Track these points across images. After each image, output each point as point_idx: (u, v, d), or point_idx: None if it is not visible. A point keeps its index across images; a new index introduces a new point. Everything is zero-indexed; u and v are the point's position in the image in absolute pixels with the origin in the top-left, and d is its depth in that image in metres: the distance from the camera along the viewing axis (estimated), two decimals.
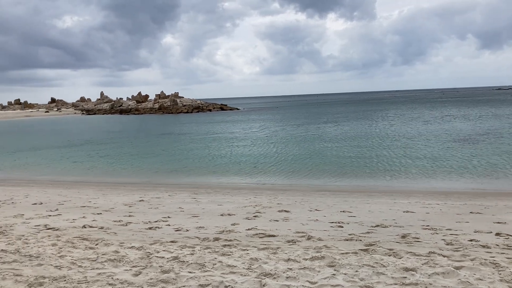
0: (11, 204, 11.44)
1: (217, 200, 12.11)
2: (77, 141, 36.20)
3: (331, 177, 16.85)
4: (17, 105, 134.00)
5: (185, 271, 5.34)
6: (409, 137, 28.64)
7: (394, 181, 15.72)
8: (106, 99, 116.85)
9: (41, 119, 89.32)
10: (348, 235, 7.30)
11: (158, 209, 10.59)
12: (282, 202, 11.36)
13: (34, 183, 17.00)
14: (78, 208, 10.78)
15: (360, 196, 12.73)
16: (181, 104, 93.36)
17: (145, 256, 6.03)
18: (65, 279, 5.12)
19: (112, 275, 5.24)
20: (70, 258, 6.01)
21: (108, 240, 7.06)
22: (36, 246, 6.72)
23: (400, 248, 6.28)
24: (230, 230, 7.92)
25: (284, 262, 5.63)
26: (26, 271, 5.46)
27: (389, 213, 9.66)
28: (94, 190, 14.53)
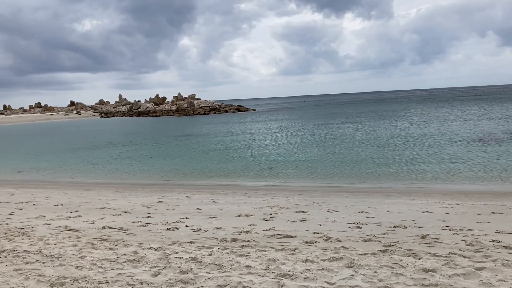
0: (32, 205, 11.66)
1: (234, 201, 12.15)
2: (96, 143, 36.68)
3: (349, 178, 16.74)
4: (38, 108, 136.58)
5: (204, 272, 5.38)
6: (429, 136, 28.29)
7: (413, 181, 15.53)
8: (124, 102, 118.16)
9: (61, 122, 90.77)
10: (366, 236, 7.25)
11: (176, 210, 10.67)
12: (299, 203, 11.34)
13: (54, 185, 17.28)
14: (98, 209, 10.92)
15: (378, 196, 12.63)
16: (198, 105, 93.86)
17: (163, 257, 6.09)
18: (85, 279, 5.20)
19: (132, 275, 5.30)
20: (90, 258, 6.10)
21: (127, 241, 7.15)
22: (57, 247, 6.84)
23: (420, 249, 6.21)
24: (248, 231, 7.93)
25: (302, 263, 5.62)
26: (48, 271, 5.56)
27: (408, 213, 9.56)
28: (113, 192, 14.70)
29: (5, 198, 13.03)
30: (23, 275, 5.39)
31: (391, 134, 31.82)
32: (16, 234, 7.89)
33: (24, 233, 8.03)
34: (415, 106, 78.71)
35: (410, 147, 23.87)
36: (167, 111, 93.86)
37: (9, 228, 8.50)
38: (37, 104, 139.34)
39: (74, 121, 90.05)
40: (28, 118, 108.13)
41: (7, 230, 8.29)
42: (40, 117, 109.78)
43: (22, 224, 8.92)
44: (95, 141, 38.53)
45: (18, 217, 9.89)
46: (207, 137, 37.13)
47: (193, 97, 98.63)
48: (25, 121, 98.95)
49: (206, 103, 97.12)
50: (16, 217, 9.89)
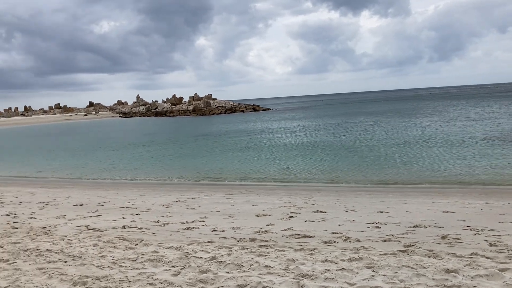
0: (53, 205, 11.85)
1: (252, 200, 12.16)
2: (115, 143, 37.12)
3: (367, 177, 16.61)
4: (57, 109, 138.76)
5: (223, 271, 5.40)
6: (449, 134, 27.90)
7: (433, 180, 15.34)
8: (142, 102, 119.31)
9: (80, 122, 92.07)
10: (386, 236, 7.18)
11: (194, 209, 10.74)
12: (317, 203, 11.30)
13: (74, 185, 17.54)
14: (117, 209, 11.05)
15: (397, 196, 12.51)
16: (214, 105, 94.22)
17: (183, 256, 6.13)
18: (107, 278, 5.27)
19: (152, 275, 5.35)
20: (111, 258, 6.18)
21: (147, 240, 7.22)
22: (78, 246, 6.94)
23: (441, 249, 6.13)
24: (266, 230, 7.94)
25: (322, 263, 5.60)
26: (70, 270, 5.64)
27: (427, 213, 9.45)
28: (132, 191, 14.86)
29: (27, 198, 13.27)
30: (46, 274, 5.48)
31: (410, 132, 31.46)
32: (38, 234, 8.03)
33: (46, 232, 8.17)
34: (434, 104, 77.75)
35: (429, 146, 23.59)
36: (184, 111, 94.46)
37: (32, 228, 8.65)
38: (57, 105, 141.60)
39: (93, 122, 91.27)
40: (48, 119, 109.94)
41: (30, 230, 8.44)
42: (60, 118, 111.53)
43: (44, 224, 9.08)
44: (114, 141, 38.99)
45: (40, 216, 10.07)
46: (224, 137, 37.24)
47: (210, 97, 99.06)
48: (45, 121, 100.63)
49: (222, 103, 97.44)
50: (38, 216, 10.07)
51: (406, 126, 37.11)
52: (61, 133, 59.09)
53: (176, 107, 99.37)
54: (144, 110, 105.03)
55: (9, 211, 10.79)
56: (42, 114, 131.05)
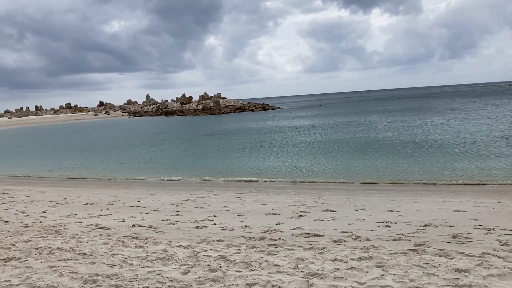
0: (64, 204, 11.94)
1: (261, 199, 12.15)
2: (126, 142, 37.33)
3: (377, 176, 16.52)
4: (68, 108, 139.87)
5: (232, 270, 5.40)
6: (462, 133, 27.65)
7: (443, 179, 15.21)
8: (151, 101, 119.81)
9: (90, 122, 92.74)
10: (396, 235, 7.14)
11: (204, 208, 10.76)
12: (326, 202, 11.26)
13: (85, 184, 17.67)
14: (128, 207, 11.11)
15: (407, 194, 12.42)
16: (223, 104, 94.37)
17: (193, 255, 6.14)
18: (117, 276, 5.30)
19: (162, 273, 5.37)
20: (121, 256, 6.21)
21: (157, 239, 7.25)
22: (89, 244, 6.99)
23: (452, 249, 6.08)
24: (275, 229, 7.93)
25: (331, 262, 5.58)
26: (80, 268, 5.68)
27: (438, 212, 9.37)
28: (142, 190, 14.93)
29: (39, 197, 13.40)
30: (57, 272, 5.53)
31: (422, 131, 31.23)
32: (50, 232, 8.10)
33: (57, 231, 8.24)
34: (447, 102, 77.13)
35: (441, 144, 23.41)
36: (193, 110, 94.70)
37: (43, 226, 8.73)
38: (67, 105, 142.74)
39: (103, 121, 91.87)
40: (59, 118, 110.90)
41: (41, 228, 8.52)
42: (70, 117, 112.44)
43: (55, 222, 9.16)
44: (123, 141, 39.22)
45: (51, 215, 10.15)
46: (232, 136, 37.27)
47: (219, 96, 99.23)
48: (56, 121, 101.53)
49: (232, 102, 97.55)
50: (49, 215, 10.16)
51: (418, 124, 36.85)
52: (71, 133, 59.57)
53: (186, 106, 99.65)
54: (154, 109, 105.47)
55: (21, 210, 10.91)
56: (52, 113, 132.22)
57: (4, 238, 7.64)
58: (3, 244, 7.12)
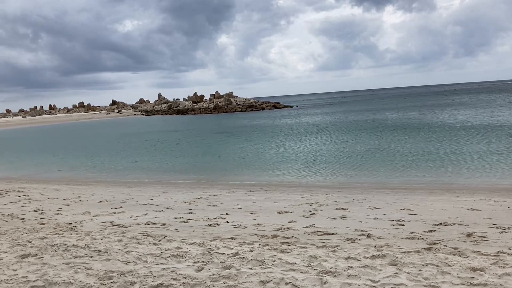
0: (79, 202, 12.08)
1: (273, 197, 12.17)
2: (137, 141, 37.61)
3: (390, 174, 16.42)
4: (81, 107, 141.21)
5: (246, 267, 5.43)
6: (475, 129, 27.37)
7: (457, 178, 15.08)
8: (163, 100, 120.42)
9: (103, 120, 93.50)
10: (409, 234, 7.11)
11: (216, 206, 10.81)
12: (339, 200, 11.24)
13: (99, 182, 17.84)
14: (141, 205, 11.21)
15: (420, 193, 12.34)
16: (235, 103, 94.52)
17: (206, 252, 6.18)
18: (132, 273, 5.36)
19: (176, 270, 5.42)
20: (135, 253, 6.27)
21: (170, 237, 7.30)
22: (103, 241, 7.07)
23: (466, 247, 6.04)
24: (288, 227, 7.94)
25: (344, 260, 5.58)
26: (96, 265, 5.76)
27: (452, 210, 9.30)
28: (155, 188, 15.03)
29: (53, 195, 13.57)
30: (73, 269, 5.61)
31: (436, 128, 30.98)
32: (65, 229, 8.20)
33: (72, 228, 8.34)
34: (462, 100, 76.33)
35: (455, 141, 23.21)
36: (205, 109, 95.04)
37: (58, 223, 8.85)
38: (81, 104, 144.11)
39: (115, 120, 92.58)
40: (72, 117, 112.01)
41: (56, 225, 8.64)
42: (83, 116, 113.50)
43: (70, 220, 9.28)
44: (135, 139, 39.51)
45: (66, 212, 10.29)
46: (244, 134, 37.30)
47: (230, 94, 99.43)
48: (68, 120, 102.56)
49: (243, 101, 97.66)
50: (64, 212, 10.29)
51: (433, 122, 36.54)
52: (84, 132, 60.11)
53: (197, 105, 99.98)
54: (166, 108, 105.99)
55: (36, 207, 11.06)
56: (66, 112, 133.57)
57: (20, 235, 7.77)
58: (19, 241, 7.23)
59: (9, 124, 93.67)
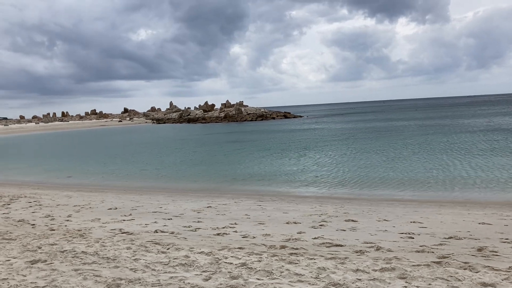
0: (89, 208, 12.16)
1: (282, 208, 12.14)
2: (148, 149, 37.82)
3: (400, 187, 16.29)
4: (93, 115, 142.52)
5: (253, 278, 5.41)
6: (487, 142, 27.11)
7: (468, 191, 14.91)
8: (174, 109, 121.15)
9: (115, 128, 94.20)
10: (419, 247, 7.05)
11: (225, 215, 10.81)
12: (348, 212, 11.17)
13: (109, 189, 17.94)
14: (150, 213, 11.25)
15: (431, 206, 12.23)
16: (245, 112, 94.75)
17: (214, 262, 6.18)
18: (140, 281, 5.37)
19: (184, 279, 5.42)
20: (144, 261, 6.29)
21: (178, 245, 7.32)
22: (112, 249, 7.11)
23: (477, 262, 5.97)
24: (296, 238, 7.91)
25: (353, 273, 5.54)
26: (104, 272, 5.78)
27: (462, 224, 9.20)
28: (164, 196, 15.08)
29: (64, 201, 13.67)
30: (82, 275, 5.64)
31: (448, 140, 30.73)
32: (74, 236, 8.26)
33: (81, 234, 8.40)
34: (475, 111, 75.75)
35: (467, 153, 22.99)
36: (215, 118, 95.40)
37: (68, 230, 8.92)
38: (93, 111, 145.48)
39: (127, 128, 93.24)
40: (84, 124, 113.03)
41: (66, 232, 8.70)
42: (95, 123, 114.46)
43: (80, 226, 9.34)
44: (146, 147, 39.74)
45: (76, 219, 10.36)
46: (254, 144, 37.31)
47: (241, 104, 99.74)
48: (81, 127, 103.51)
49: (254, 110, 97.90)
50: (74, 219, 10.36)
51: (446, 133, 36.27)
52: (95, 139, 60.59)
53: (208, 114, 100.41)
54: (177, 116, 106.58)
55: (46, 213, 11.15)
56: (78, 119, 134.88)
57: (30, 240, 7.83)
58: (29, 247, 7.30)
59: (23, 130, 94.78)
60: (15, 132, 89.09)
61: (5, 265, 6.17)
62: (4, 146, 52.75)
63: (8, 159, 34.46)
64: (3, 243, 7.66)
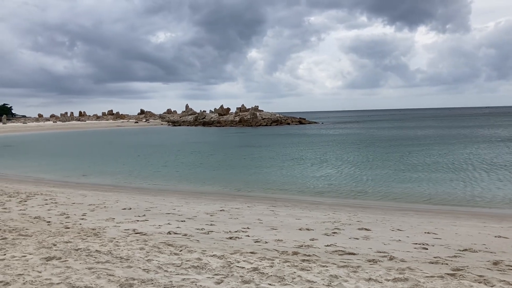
0: (103, 208, 12.28)
1: (295, 214, 12.11)
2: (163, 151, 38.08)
3: (416, 197, 16.14)
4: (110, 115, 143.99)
5: (265, 283, 5.41)
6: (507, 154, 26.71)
7: (485, 204, 14.71)
8: (190, 112, 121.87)
9: (131, 129, 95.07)
10: (433, 258, 6.97)
11: (237, 219, 10.82)
12: (362, 220, 11.10)
13: (123, 189, 18.10)
14: (164, 214, 11.31)
15: (446, 217, 12.08)
16: (260, 117, 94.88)
17: (226, 265, 6.19)
18: (152, 282, 5.41)
19: (196, 281, 5.44)
20: (156, 262, 6.33)
21: (191, 247, 7.35)
22: (126, 249, 7.16)
23: (492, 276, 5.88)
24: (309, 245, 7.89)
25: (365, 282, 5.51)
26: (117, 272, 5.83)
27: (478, 237, 9.07)
28: (177, 198, 15.16)
29: (79, 200, 13.83)
30: (95, 274, 5.69)
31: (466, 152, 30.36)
32: (89, 234, 8.35)
33: (95, 233, 8.48)
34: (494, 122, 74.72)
35: (485, 167, 22.67)
36: (230, 122, 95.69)
37: (82, 228, 9.02)
38: (110, 112, 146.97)
39: (143, 129, 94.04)
40: (101, 124, 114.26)
41: (80, 230, 8.80)
42: (112, 124, 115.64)
43: (94, 225, 9.43)
44: (162, 149, 40.02)
45: (90, 218, 10.47)
46: (268, 149, 37.32)
47: (256, 108, 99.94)
48: (97, 127, 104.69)
49: (269, 115, 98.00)
50: (88, 218, 10.47)
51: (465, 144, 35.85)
52: (111, 139, 61.21)
53: (223, 118, 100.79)
54: (192, 119, 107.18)
55: (62, 211, 11.29)
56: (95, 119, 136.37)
57: (46, 237, 7.94)
58: (45, 244, 7.40)
59: (40, 128, 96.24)
60: (33, 130, 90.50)
61: (21, 260, 6.27)
62: (22, 143, 53.61)
63: (26, 157, 35.01)
64: (19, 239, 7.78)
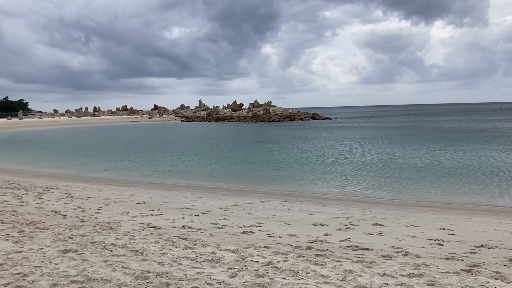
0: (118, 202, 12.41)
1: (309, 209, 12.10)
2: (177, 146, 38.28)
3: (430, 192, 15.99)
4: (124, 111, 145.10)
5: (279, 277, 5.42)
6: None
7: (501, 199, 14.53)
8: (203, 107, 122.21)
9: (145, 124, 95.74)
10: (448, 254, 6.91)
11: (251, 214, 10.85)
12: (376, 216, 11.05)
13: (138, 184, 18.25)
14: (178, 209, 11.39)
15: (461, 213, 11.97)
16: (273, 112, 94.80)
17: (240, 259, 6.22)
18: (167, 275, 5.45)
19: (210, 275, 5.48)
20: (171, 256, 6.38)
21: (205, 241, 7.39)
22: (140, 242, 7.24)
23: (509, 272, 5.81)
24: (323, 240, 7.88)
25: (380, 277, 5.49)
26: (132, 265, 5.89)
27: (494, 233, 8.97)
28: (191, 193, 15.24)
29: (94, 194, 13.99)
30: (111, 267, 5.76)
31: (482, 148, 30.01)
32: (104, 228, 8.45)
33: (111, 227, 8.58)
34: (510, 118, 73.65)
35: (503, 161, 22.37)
36: (243, 117, 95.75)
37: (98, 222, 9.12)
38: (124, 107, 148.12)
39: (157, 124, 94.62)
40: (115, 119, 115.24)
41: (96, 224, 8.90)
42: (125, 119, 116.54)
43: (109, 219, 9.54)
44: (176, 144, 40.24)
45: (106, 212, 10.59)
46: (282, 144, 37.28)
47: (269, 104, 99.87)
48: (112, 122, 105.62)
49: (282, 111, 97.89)
50: (103, 212, 10.59)
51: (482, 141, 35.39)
52: (126, 134, 61.72)
53: (236, 113, 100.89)
54: (205, 115, 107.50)
55: (77, 205, 11.44)
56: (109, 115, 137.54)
57: (62, 231, 8.05)
58: (61, 237, 7.50)
59: (56, 123, 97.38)
60: (49, 125, 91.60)
61: (38, 253, 6.37)
62: (38, 138, 54.33)
63: (42, 152, 35.47)
64: (36, 231, 7.90)
